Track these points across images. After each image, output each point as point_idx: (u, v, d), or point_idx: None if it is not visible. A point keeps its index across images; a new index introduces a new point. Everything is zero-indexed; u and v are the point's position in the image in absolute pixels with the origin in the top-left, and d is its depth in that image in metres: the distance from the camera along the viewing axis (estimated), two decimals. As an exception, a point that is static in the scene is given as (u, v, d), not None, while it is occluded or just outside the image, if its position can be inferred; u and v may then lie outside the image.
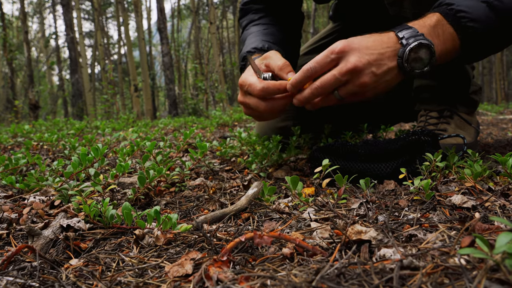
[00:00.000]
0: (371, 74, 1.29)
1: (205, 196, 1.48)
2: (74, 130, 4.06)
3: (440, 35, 1.34)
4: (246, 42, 1.96)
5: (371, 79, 1.30)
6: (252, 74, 1.52)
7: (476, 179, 1.27)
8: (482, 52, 1.46)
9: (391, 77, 1.33)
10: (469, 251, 0.59)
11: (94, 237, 1.08)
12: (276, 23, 2.08)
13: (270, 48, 1.78)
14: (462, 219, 0.96)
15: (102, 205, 1.12)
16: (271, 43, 1.86)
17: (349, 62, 1.28)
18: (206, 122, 6.11)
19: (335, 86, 1.34)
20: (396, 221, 1.00)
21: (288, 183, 1.26)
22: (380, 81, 1.32)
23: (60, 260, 0.95)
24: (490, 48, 1.46)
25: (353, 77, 1.30)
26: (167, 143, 2.09)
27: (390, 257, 0.75)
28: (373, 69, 1.29)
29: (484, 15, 1.34)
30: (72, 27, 17.91)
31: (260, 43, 1.83)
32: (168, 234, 1.01)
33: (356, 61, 1.28)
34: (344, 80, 1.31)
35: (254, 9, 2.15)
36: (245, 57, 1.80)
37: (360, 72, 1.29)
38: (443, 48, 1.35)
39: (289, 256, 0.82)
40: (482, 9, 1.34)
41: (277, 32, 2.00)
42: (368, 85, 1.31)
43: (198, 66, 23.34)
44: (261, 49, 1.79)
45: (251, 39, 1.93)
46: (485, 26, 1.34)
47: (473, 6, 1.34)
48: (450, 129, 1.91)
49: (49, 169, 1.73)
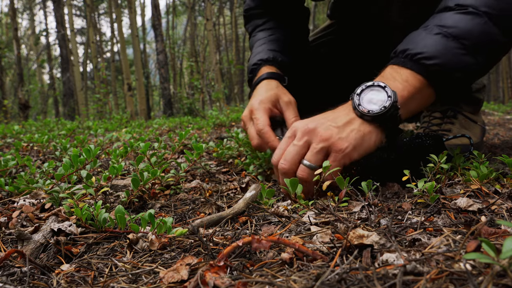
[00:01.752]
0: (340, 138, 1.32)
1: (201, 199, 1.48)
2: (66, 131, 4.05)
3: (398, 79, 1.36)
4: (253, 51, 2.07)
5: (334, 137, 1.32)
6: (266, 124, 1.65)
7: (482, 181, 1.27)
8: (467, 78, 1.40)
9: None
10: (475, 256, 0.59)
11: (86, 242, 1.07)
12: (280, 26, 2.14)
13: (275, 59, 1.95)
14: (468, 222, 0.96)
15: (95, 208, 1.11)
16: (277, 51, 1.98)
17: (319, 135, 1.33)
18: (202, 122, 6.11)
19: None
20: (399, 225, 1.00)
21: (287, 185, 1.26)
22: None
23: (51, 266, 0.94)
24: (472, 71, 1.39)
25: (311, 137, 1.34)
26: (162, 144, 2.09)
27: (393, 262, 0.75)
28: (341, 134, 1.33)
29: (442, 47, 1.32)
30: (64, 23, 17.88)
31: (265, 54, 1.98)
32: (162, 239, 1.01)
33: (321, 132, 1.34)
34: None
35: (256, 14, 2.21)
36: (254, 69, 1.95)
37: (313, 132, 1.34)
38: (406, 86, 1.35)
39: (288, 261, 0.82)
40: (437, 42, 1.33)
41: (282, 37, 2.08)
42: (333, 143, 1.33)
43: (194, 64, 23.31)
44: (266, 60, 1.95)
45: (258, 47, 2.05)
46: (448, 57, 1.32)
47: (428, 44, 1.34)
48: (454, 129, 1.92)
49: (39, 171, 1.73)
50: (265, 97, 1.71)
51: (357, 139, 1.30)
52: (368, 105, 1.32)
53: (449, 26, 1.33)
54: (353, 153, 1.31)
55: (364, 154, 1.33)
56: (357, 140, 1.30)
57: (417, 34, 1.39)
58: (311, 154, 1.31)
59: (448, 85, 1.37)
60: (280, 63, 1.95)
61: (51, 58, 27.52)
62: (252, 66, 1.97)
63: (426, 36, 1.36)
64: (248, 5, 2.23)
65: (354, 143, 1.30)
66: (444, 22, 1.35)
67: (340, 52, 2.29)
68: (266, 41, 2.06)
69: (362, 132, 1.31)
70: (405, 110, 1.35)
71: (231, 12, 27.39)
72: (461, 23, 1.32)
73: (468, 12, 1.32)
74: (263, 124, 1.61)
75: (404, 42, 1.41)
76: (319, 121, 1.35)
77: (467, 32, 1.31)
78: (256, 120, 1.64)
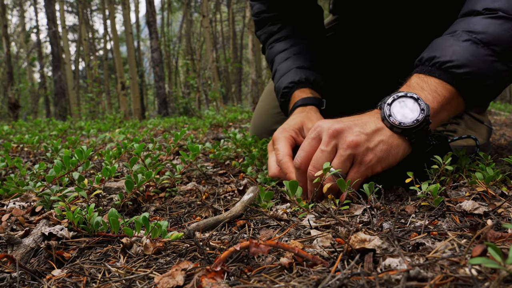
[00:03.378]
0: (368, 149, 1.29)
1: (197, 202, 1.48)
2: (57, 131, 4.05)
3: (426, 88, 1.33)
4: (277, 68, 2.01)
5: (367, 150, 1.29)
6: (286, 154, 1.58)
7: (488, 183, 1.27)
8: (498, 86, 1.38)
9: None
10: (480, 261, 0.59)
11: (78, 246, 1.07)
12: (299, 34, 2.08)
13: (308, 80, 1.88)
14: (473, 226, 0.96)
15: (87, 211, 1.11)
16: (307, 69, 1.92)
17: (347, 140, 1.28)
18: (198, 122, 6.11)
19: None
20: (403, 229, 1.00)
21: (286, 187, 1.26)
22: None
23: (41, 271, 0.94)
24: (503, 78, 1.37)
25: None
26: (157, 145, 2.09)
27: (396, 267, 0.75)
28: (369, 144, 1.29)
29: (472, 54, 1.30)
30: (55, 20, 17.88)
31: (295, 75, 1.90)
32: (157, 243, 1.01)
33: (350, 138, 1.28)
34: None
35: (268, 18, 2.13)
36: (285, 93, 1.90)
37: None
38: (435, 96, 1.33)
39: (287, 266, 0.81)
40: (467, 49, 1.31)
41: (306, 48, 2.02)
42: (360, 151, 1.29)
43: (189, 62, 23.35)
44: (299, 82, 1.88)
45: (282, 64, 1.98)
46: (479, 65, 1.30)
47: (457, 51, 1.32)
48: (460, 130, 1.92)
49: (29, 173, 1.72)
50: (288, 126, 1.66)
51: (384, 151, 1.28)
52: (399, 116, 1.29)
53: (478, 32, 1.31)
54: (377, 166, 1.29)
55: (386, 168, 1.32)
56: (383, 152, 1.28)
57: (444, 41, 1.37)
58: (339, 162, 1.27)
59: (478, 94, 1.35)
60: (313, 83, 1.90)
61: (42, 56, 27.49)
62: (284, 90, 1.90)
63: (454, 43, 1.34)
64: (259, 9, 2.14)
65: (379, 156, 1.27)
66: (472, 27, 1.33)
67: (344, 48, 2.29)
68: (290, 55, 1.99)
69: (390, 144, 1.28)
70: (434, 121, 1.34)
71: (228, 8, 27.38)
72: (490, 28, 1.31)
73: (498, 16, 1.31)
74: (283, 154, 1.55)
75: (430, 49, 1.39)
76: (346, 124, 1.29)
77: (497, 38, 1.29)
78: (276, 151, 1.58)
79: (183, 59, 25.65)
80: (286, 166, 1.51)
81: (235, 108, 9.61)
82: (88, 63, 23.16)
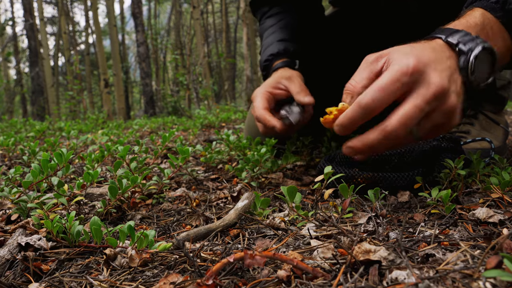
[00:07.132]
0: (454, 93, 1.11)
1: (187, 209, 1.48)
2: (34, 133, 4.04)
3: (490, 36, 1.22)
4: (263, 42, 2.16)
5: (458, 100, 1.12)
6: (261, 108, 1.71)
7: (504, 189, 1.27)
8: None
9: None
10: (495, 274, 0.59)
11: (58, 258, 1.07)
12: (289, 9, 2.23)
13: (287, 50, 2.02)
14: (488, 236, 0.96)
15: (67, 220, 1.11)
16: (287, 41, 2.05)
17: (432, 83, 1.08)
18: (188, 123, 6.11)
19: (417, 122, 1.11)
20: (411, 239, 1.01)
21: (284, 194, 1.26)
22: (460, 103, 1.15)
23: (17, 284, 0.94)
24: None
25: (440, 103, 1.10)
26: (143, 148, 2.09)
27: (404, 280, 0.75)
28: (453, 87, 1.12)
29: None
30: (32, 12, 17.86)
31: (275, 47, 2.04)
32: (144, 254, 1.01)
33: (439, 80, 1.08)
34: (428, 110, 1.10)
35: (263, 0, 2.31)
36: (266, 66, 2.04)
37: (446, 93, 1.10)
38: (498, 51, 1.20)
39: (285, 280, 0.81)
40: None
41: (291, 21, 2.17)
42: (456, 108, 1.12)
43: (179, 57, 23.32)
44: (277, 54, 2.02)
45: (267, 38, 2.14)
46: None
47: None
48: (474, 131, 1.92)
49: (4, 177, 1.72)
50: (264, 85, 1.80)
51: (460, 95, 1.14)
52: None
53: None
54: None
55: None
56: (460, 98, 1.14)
57: None
58: (422, 122, 1.12)
59: None
60: (292, 53, 2.01)
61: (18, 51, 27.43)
62: (264, 63, 2.05)
63: None
64: None
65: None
66: None
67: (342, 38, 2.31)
68: (276, 29, 2.13)
69: None
70: None
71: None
72: None
73: None
74: (258, 108, 1.68)
75: None
76: (422, 58, 1.10)
77: None
78: (253, 109, 1.71)
79: (171, 54, 25.66)
80: (263, 118, 1.66)
81: (228, 107, 9.60)
82: (68, 58, 23.12)
